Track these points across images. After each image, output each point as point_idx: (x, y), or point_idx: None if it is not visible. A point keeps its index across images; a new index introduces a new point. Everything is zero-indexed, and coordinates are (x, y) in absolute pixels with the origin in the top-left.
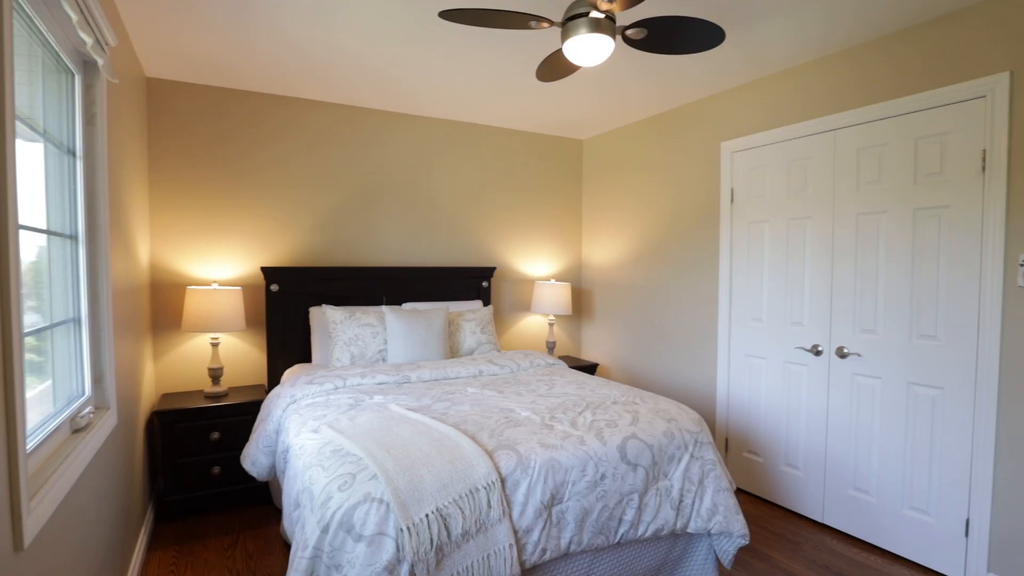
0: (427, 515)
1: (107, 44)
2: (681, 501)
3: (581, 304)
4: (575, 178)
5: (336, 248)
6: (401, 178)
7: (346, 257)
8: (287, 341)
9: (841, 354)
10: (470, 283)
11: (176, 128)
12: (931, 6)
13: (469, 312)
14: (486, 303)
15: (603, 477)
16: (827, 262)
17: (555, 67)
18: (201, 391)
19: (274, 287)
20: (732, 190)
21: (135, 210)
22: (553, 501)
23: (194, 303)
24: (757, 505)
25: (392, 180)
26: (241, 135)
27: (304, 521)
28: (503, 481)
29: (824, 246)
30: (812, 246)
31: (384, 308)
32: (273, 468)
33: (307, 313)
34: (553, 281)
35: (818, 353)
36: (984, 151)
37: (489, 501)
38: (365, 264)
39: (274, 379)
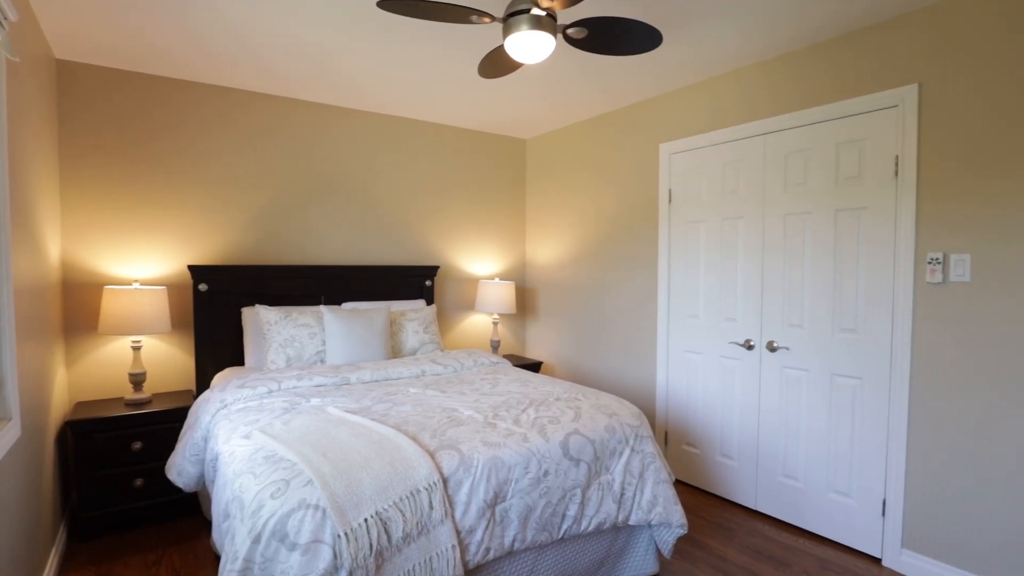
0: (366, 520)
1: (6, 19)
2: (623, 494)
3: (525, 303)
4: (519, 177)
5: (272, 246)
6: (342, 174)
7: (282, 255)
8: (217, 344)
9: (771, 348)
10: (413, 282)
11: (92, 116)
12: (844, 21)
13: (412, 311)
14: (429, 302)
15: (546, 473)
16: (758, 260)
17: (497, 64)
18: (122, 398)
19: (202, 287)
20: (670, 190)
21: (42, 202)
22: (496, 500)
23: (112, 304)
24: (695, 495)
25: (333, 176)
26: (167, 126)
27: (234, 532)
28: (445, 481)
29: (755, 245)
30: (744, 245)
31: (322, 308)
32: (201, 478)
33: (239, 314)
34: (497, 280)
35: (750, 348)
36: (897, 157)
37: (431, 502)
38: (303, 263)
39: (203, 384)
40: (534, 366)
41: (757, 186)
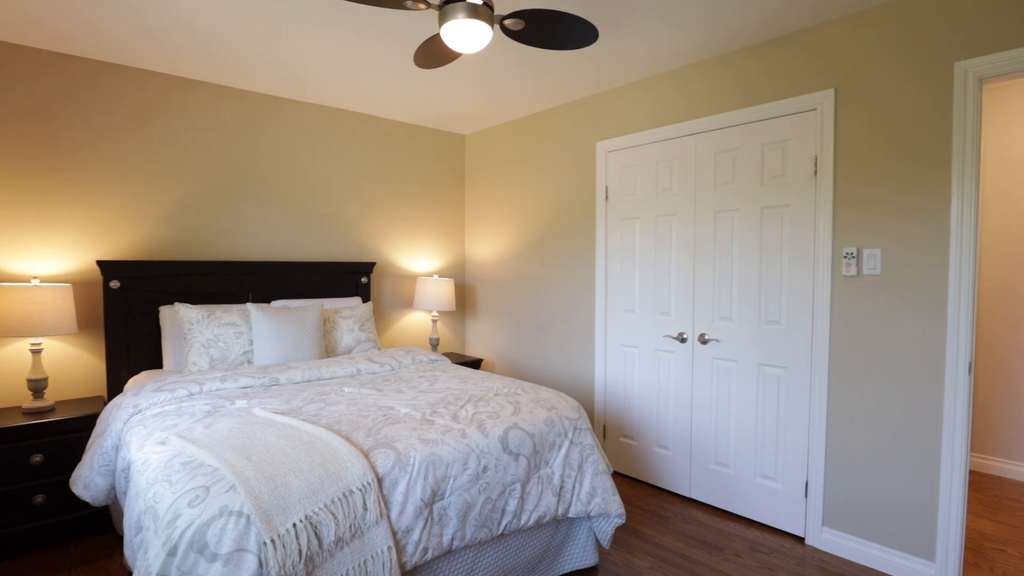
0: (294, 524)
1: None
2: (562, 487)
3: (465, 300)
4: (458, 173)
5: (195, 241)
6: (274, 166)
7: (207, 251)
8: (132, 345)
9: (703, 340)
10: (348, 279)
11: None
12: (765, 28)
13: (347, 309)
14: (365, 299)
15: (485, 469)
16: (690, 256)
17: (433, 53)
18: (19, 407)
19: (114, 284)
20: (607, 188)
21: None
22: (434, 498)
23: (7, 303)
24: (633, 486)
25: (264, 168)
26: (76, 111)
27: (147, 545)
28: (380, 481)
29: (687, 241)
30: (678, 241)
31: (250, 306)
32: (112, 490)
33: (157, 313)
34: (436, 277)
35: (683, 340)
36: (816, 157)
37: (365, 503)
38: (230, 258)
39: (115, 389)
40: (474, 363)
41: (689, 184)
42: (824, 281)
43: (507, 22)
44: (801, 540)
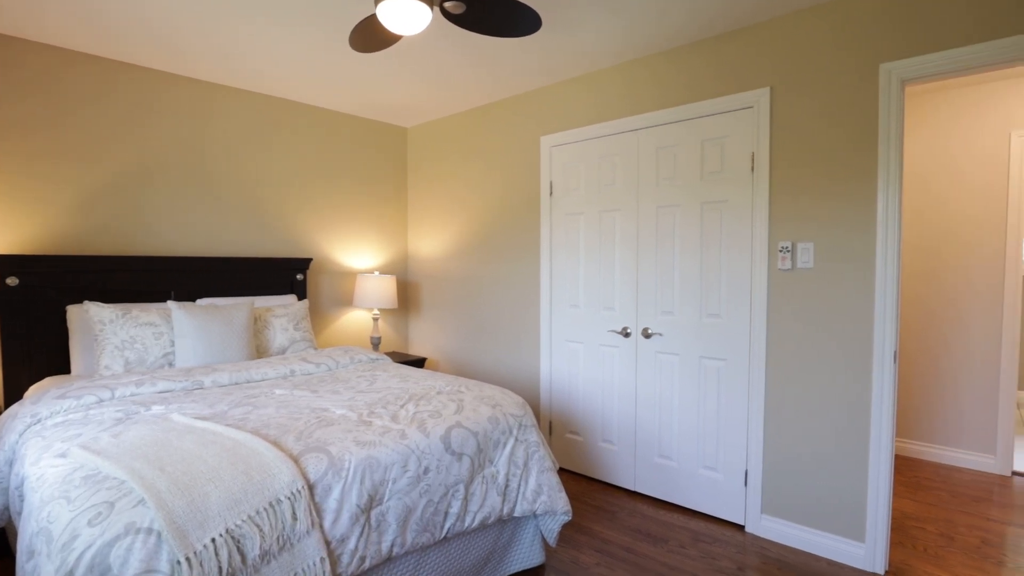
0: (213, 540)
1: None
2: (507, 486)
3: (408, 297)
4: (400, 167)
5: (110, 233)
6: (201, 155)
7: (124, 244)
8: (34, 349)
9: (646, 335)
10: (282, 276)
11: None
12: (710, 24)
13: (280, 307)
14: (301, 297)
15: (427, 471)
16: (633, 251)
17: (370, 34)
18: None
19: (11, 280)
20: (551, 183)
21: None
22: (372, 503)
23: None
24: (579, 482)
25: (189, 157)
26: None
27: (39, 573)
28: (311, 488)
29: (631, 236)
30: (621, 236)
31: (171, 304)
32: (7, 510)
33: (64, 313)
34: (377, 274)
35: (627, 335)
36: (753, 154)
37: (294, 512)
38: (150, 253)
39: (14, 398)
40: (418, 362)
41: (632, 179)
42: (761, 274)
43: (447, 4)
44: (741, 528)
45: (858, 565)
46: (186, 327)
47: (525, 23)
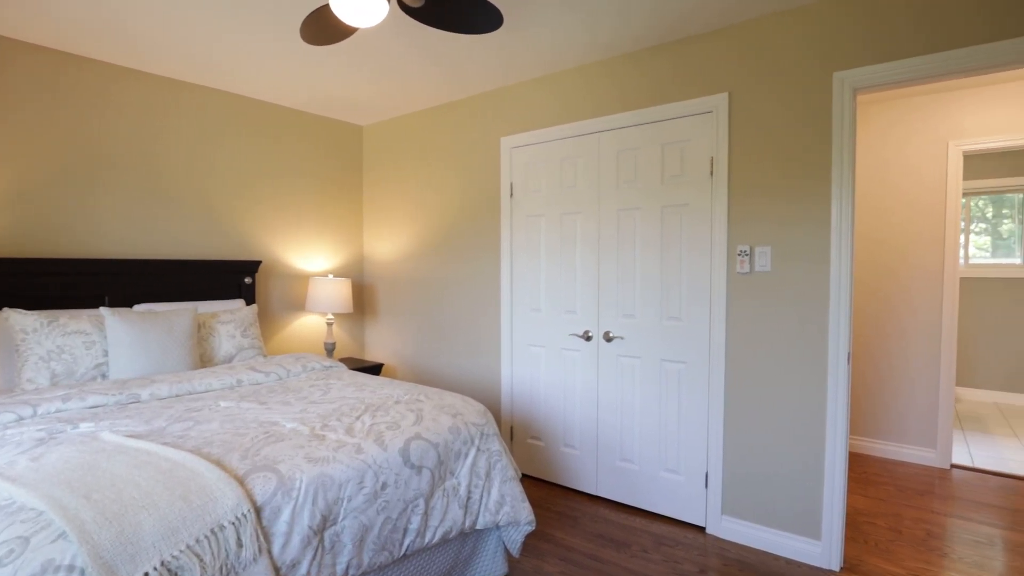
0: (147, 574)
1: None
2: (469, 498)
3: (364, 301)
4: (355, 166)
5: (35, 233)
6: (139, 151)
7: (51, 246)
8: None
9: (608, 338)
10: (229, 279)
11: None
12: (673, 29)
13: (226, 313)
14: (249, 302)
15: (384, 486)
16: (595, 254)
17: (323, 26)
18: None
19: None
20: (511, 184)
21: None
22: (325, 523)
23: None
24: (541, 488)
25: (125, 152)
26: None
27: None
28: (258, 511)
29: (592, 239)
30: (582, 239)
31: (104, 311)
32: None
33: None
34: (331, 277)
35: (588, 338)
36: (712, 158)
37: (239, 539)
38: (81, 255)
39: None
40: (375, 368)
41: (594, 182)
42: (720, 278)
43: None
44: (702, 530)
45: (815, 563)
46: (121, 335)
47: (486, 20)
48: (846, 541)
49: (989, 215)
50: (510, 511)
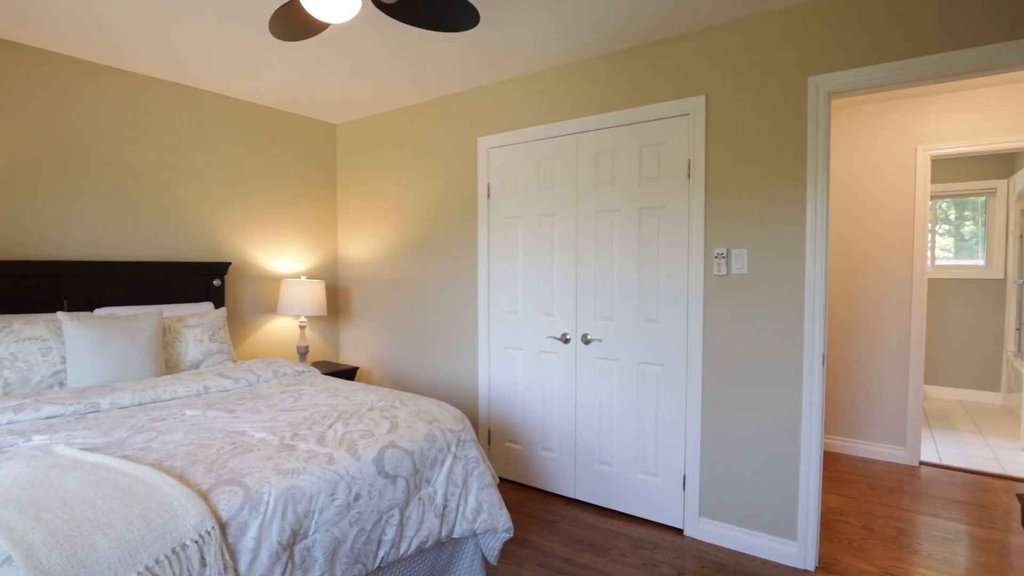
0: None
1: None
2: (446, 506)
3: (338, 303)
4: (329, 166)
5: None
6: (101, 148)
7: (13, 247)
8: None
9: (586, 340)
10: (197, 281)
11: None
12: (651, 30)
13: (193, 316)
14: (218, 305)
15: (357, 497)
16: (572, 256)
17: (293, 21)
18: None
19: None
20: (488, 185)
21: None
22: (295, 538)
23: None
24: (519, 492)
25: (87, 150)
26: None
27: None
28: (223, 527)
29: (570, 241)
30: (560, 241)
31: (62, 315)
32: None
33: None
34: (304, 278)
35: (566, 341)
36: (689, 160)
37: (203, 558)
38: (37, 257)
39: None
40: (349, 372)
41: (571, 183)
42: (697, 280)
43: None
44: (680, 532)
45: (791, 563)
46: (80, 341)
47: (462, 18)
48: (821, 540)
49: (952, 217)
50: (488, 518)
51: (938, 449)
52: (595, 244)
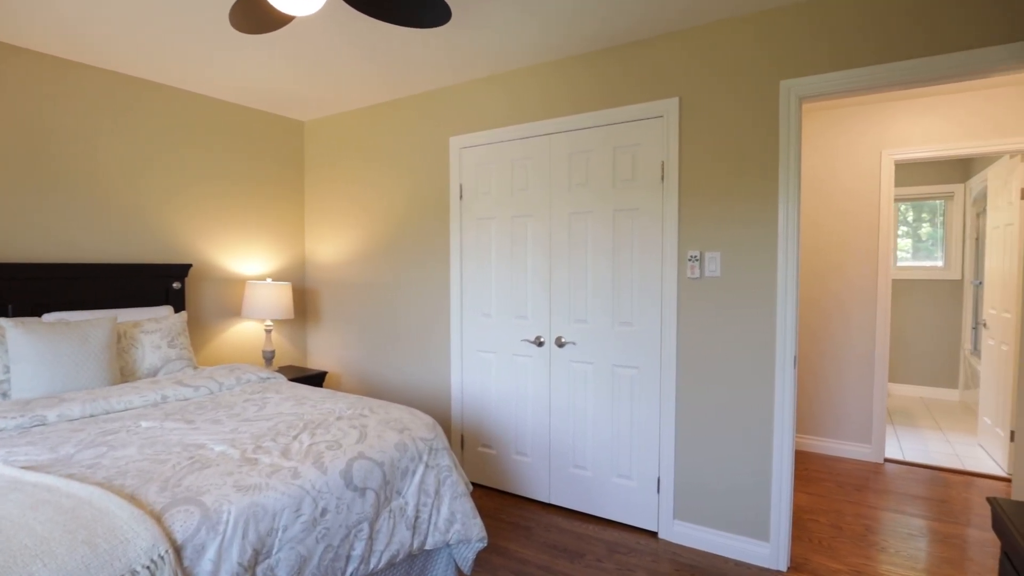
0: None
1: None
2: (417, 518)
3: (306, 306)
4: (296, 164)
5: None
6: (54, 145)
7: None
8: None
9: (560, 344)
10: (155, 284)
11: None
12: (626, 32)
13: (151, 321)
14: (178, 309)
15: (324, 512)
16: (546, 258)
17: (255, 13)
18: None
19: None
20: (461, 186)
21: None
22: (258, 558)
23: None
24: (493, 497)
25: (38, 147)
26: None
27: None
28: (178, 551)
29: (543, 243)
30: (533, 243)
31: (4, 321)
32: None
33: None
34: (270, 280)
35: (540, 344)
36: (663, 162)
37: None
38: None
39: None
40: (318, 377)
41: (545, 184)
42: (671, 283)
43: None
44: (655, 535)
45: (764, 564)
46: (25, 349)
47: (433, 14)
48: (792, 540)
49: (910, 219)
50: (461, 529)
51: (901, 446)
52: (569, 246)
